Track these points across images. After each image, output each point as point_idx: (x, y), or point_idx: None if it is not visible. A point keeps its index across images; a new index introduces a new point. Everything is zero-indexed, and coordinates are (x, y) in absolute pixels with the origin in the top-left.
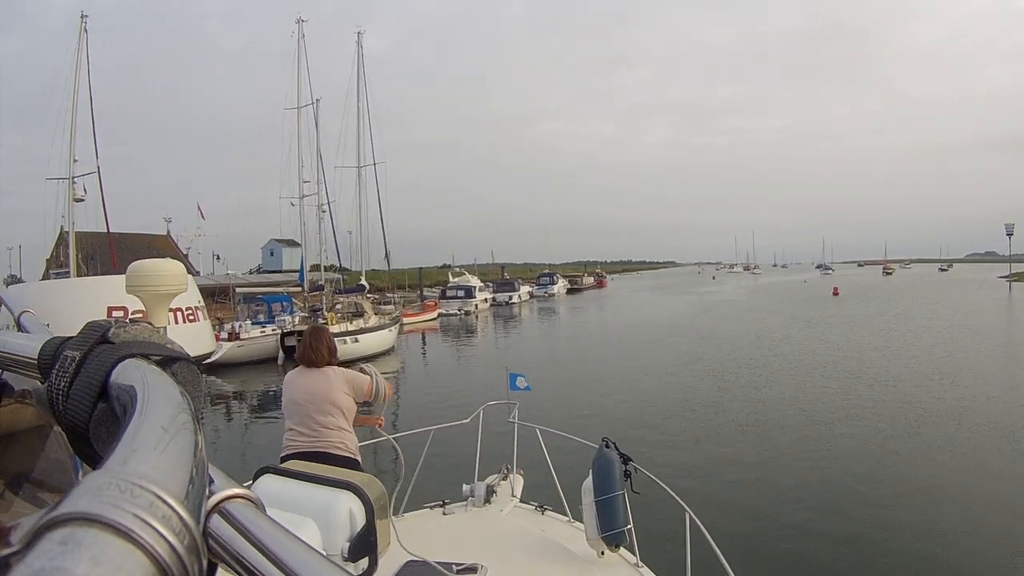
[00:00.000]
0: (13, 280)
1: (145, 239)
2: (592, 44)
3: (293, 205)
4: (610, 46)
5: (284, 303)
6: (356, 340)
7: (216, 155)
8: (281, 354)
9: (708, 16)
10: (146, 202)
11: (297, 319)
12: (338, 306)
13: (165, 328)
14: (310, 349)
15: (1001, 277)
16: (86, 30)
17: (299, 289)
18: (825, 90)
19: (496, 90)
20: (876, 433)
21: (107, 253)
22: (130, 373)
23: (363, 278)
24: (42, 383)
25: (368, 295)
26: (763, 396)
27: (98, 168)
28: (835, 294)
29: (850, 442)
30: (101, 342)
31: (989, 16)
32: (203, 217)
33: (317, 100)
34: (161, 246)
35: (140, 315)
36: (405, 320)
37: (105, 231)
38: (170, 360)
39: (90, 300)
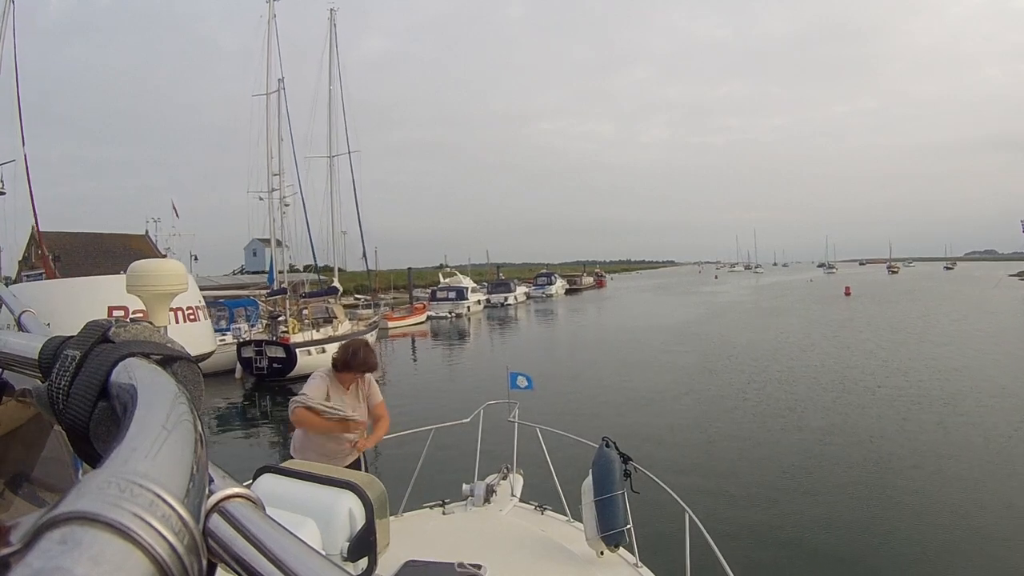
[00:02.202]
0: (7, 281)
1: (121, 239)
2: (591, 44)
3: (261, 199)
4: (609, 46)
5: (249, 308)
6: (323, 350)
7: (214, 154)
8: (238, 367)
9: (707, 15)
10: (143, 202)
11: (260, 327)
12: (305, 311)
13: (166, 327)
14: None
15: (1012, 275)
16: (12, 1)
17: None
18: (824, 89)
19: (495, 90)
20: (922, 457)
21: (78, 254)
22: (130, 372)
23: (336, 279)
24: (43, 382)
25: (358, 296)
26: (790, 408)
27: (25, 157)
28: (847, 294)
29: (876, 455)
30: (101, 341)
31: (987, 16)
32: (177, 216)
33: (280, 79)
34: (138, 246)
35: (141, 315)
36: (391, 324)
37: (81, 231)
38: (170, 359)
39: (90, 300)
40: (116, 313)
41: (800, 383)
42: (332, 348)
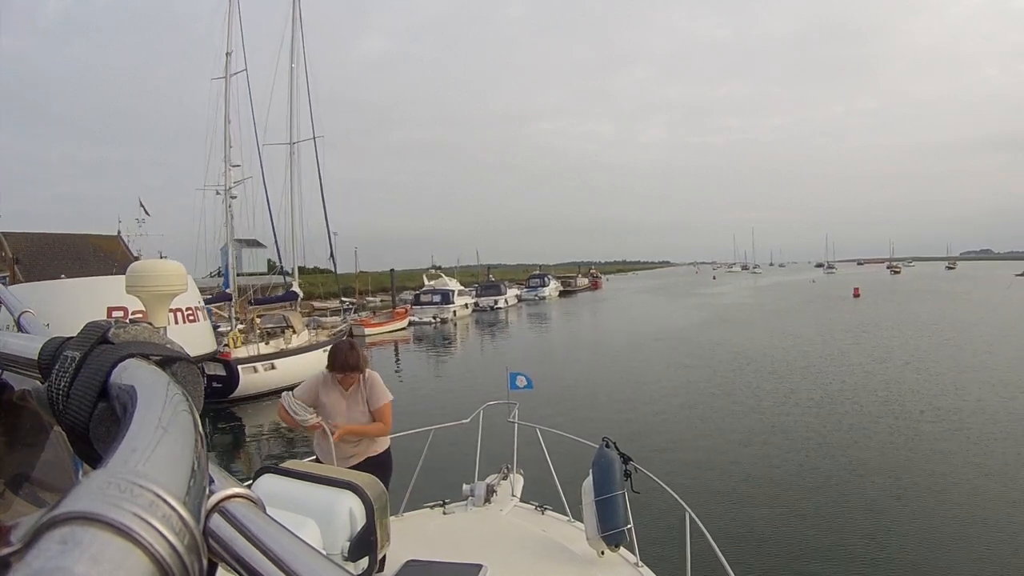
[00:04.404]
0: None
1: (90, 240)
2: (591, 44)
3: (219, 194)
4: (609, 46)
5: None
6: (272, 367)
7: (210, 151)
8: None
9: (707, 15)
10: (133, 203)
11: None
12: (257, 320)
13: (165, 328)
14: None
15: (1019, 275)
16: None
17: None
18: (824, 89)
19: (495, 90)
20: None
21: (42, 255)
22: (130, 373)
23: (296, 283)
24: (42, 383)
25: (343, 299)
26: (788, 414)
27: None
28: (856, 295)
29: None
30: (101, 342)
31: (987, 16)
32: (147, 213)
33: (229, 54)
34: (109, 247)
35: (140, 315)
36: (368, 331)
37: (47, 232)
38: (170, 360)
39: (90, 300)
40: (116, 314)
41: (830, 398)
42: (285, 363)
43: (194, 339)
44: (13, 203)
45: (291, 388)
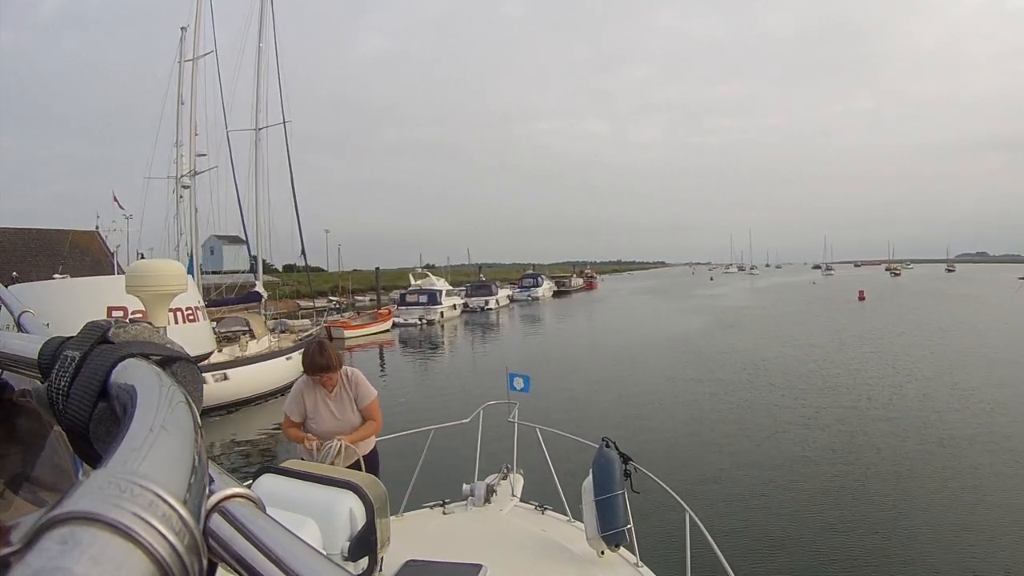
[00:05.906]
0: None
1: (66, 235)
2: (590, 44)
3: (185, 187)
4: (608, 46)
5: None
6: (225, 377)
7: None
8: None
9: (707, 15)
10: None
11: None
12: (215, 324)
13: (165, 328)
14: None
15: (1022, 279)
16: None
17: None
18: (824, 89)
19: (494, 90)
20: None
21: (16, 251)
22: (130, 373)
23: (259, 283)
24: (42, 383)
25: (331, 299)
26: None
27: None
28: (861, 298)
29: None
30: (101, 342)
31: (986, 17)
32: (121, 207)
33: (182, 28)
34: (86, 243)
35: (140, 315)
36: (348, 333)
37: (21, 227)
38: (170, 360)
39: (90, 300)
40: (115, 313)
41: (850, 407)
42: (240, 373)
43: (194, 339)
44: (12, 202)
45: (246, 402)
